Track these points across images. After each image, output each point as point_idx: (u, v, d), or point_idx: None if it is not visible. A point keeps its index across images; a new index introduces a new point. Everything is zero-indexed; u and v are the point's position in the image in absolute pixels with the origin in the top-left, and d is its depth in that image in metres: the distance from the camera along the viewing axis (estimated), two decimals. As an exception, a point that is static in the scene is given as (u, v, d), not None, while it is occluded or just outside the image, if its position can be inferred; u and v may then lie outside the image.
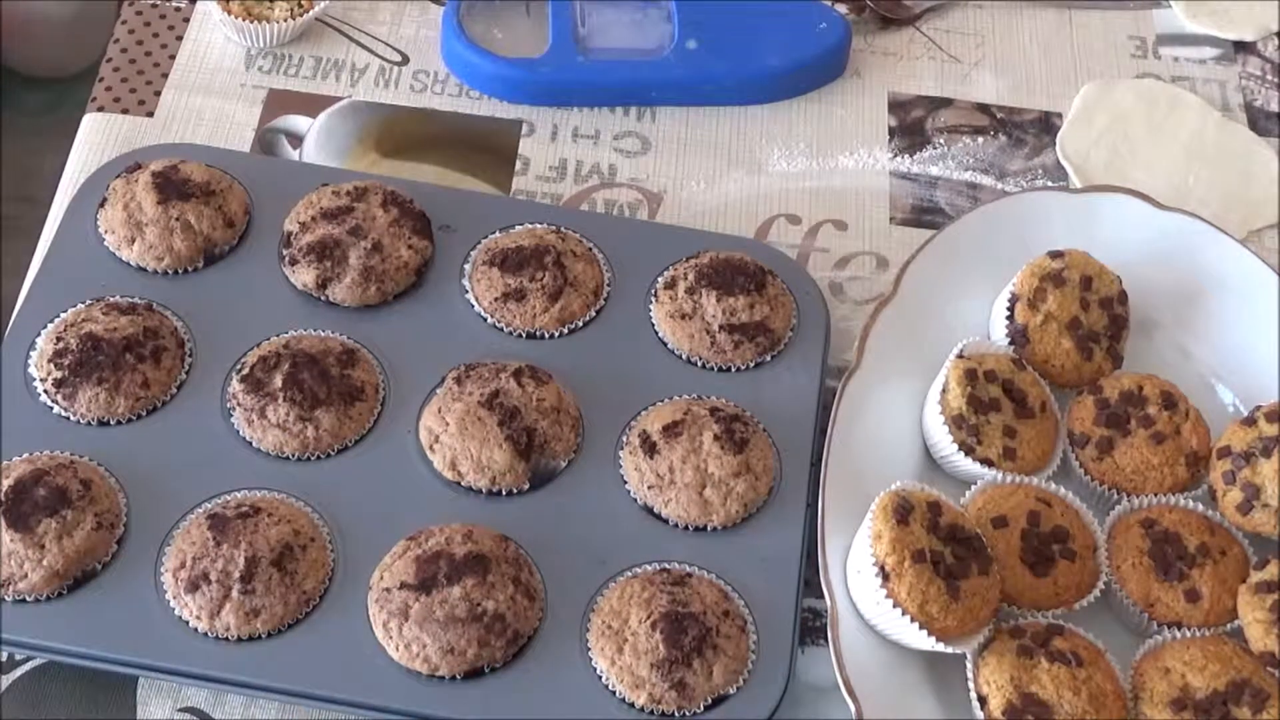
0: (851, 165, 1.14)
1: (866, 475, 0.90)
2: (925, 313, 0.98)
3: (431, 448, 0.91)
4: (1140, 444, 0.92)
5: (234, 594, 0.83)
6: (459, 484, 0.90)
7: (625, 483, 0.91)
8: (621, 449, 0.92)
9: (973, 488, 0.91)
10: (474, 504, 0.89)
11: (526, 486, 0.90)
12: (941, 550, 0.83)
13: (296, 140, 1.11)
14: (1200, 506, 0.91)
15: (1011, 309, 0.96)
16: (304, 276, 0.96)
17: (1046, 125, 1.17)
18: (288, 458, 0.90)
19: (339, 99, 1.14)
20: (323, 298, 0.97)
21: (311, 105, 1.13)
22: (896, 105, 1.18)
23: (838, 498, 0.88)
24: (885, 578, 0.82)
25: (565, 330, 0.97)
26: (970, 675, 0.84)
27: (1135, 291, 0.98)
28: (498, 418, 0.90)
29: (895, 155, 1.14)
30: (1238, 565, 0.89)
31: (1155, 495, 0.92)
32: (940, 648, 0.82)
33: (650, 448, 0.90)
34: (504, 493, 0.90)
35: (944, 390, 0.92)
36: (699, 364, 0.96)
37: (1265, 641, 0.84)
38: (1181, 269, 1.01)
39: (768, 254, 1.02)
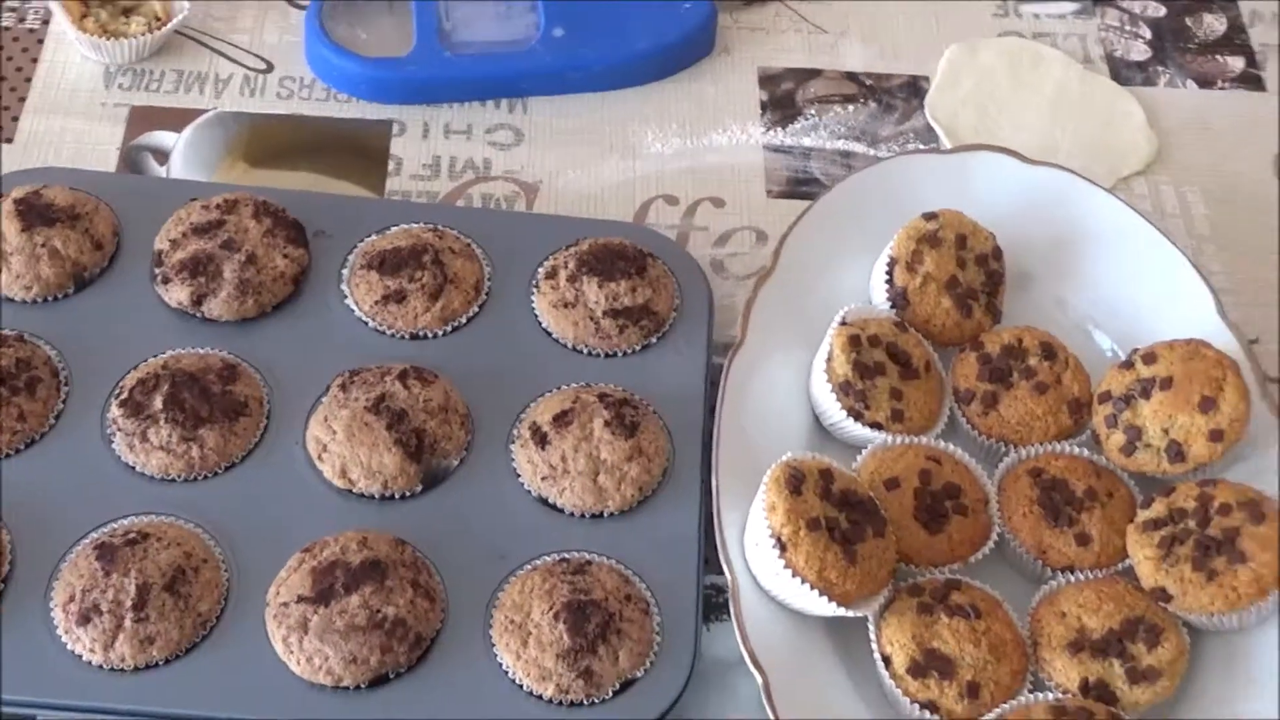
0: (725, 142, 1.14)
1: (758, 448, 0.90)
2: (806, 283, 0.98)
3: (320, 457, 0.90)
4: (1023, 395, 0.93)
5: (127, 623, 0.82)
6: (351, 491, 0.89)
7: (519, 476, 0.91)
8: (513, 442, 0.92)
9: (863, 452, 0.91)
10: (367, 510, 0.89)
11: (419, 488, 0.89)
12: (836, 516, 0.84)
13: (163, 156, 1.09)
14: (1085, 452, 0.93)
15: (890, 272, 0.97)
16: (178, 294, 0.95)
17: (915, 89, 1.18)
18: (174, 479, 0.89)
19: (204, 111, 1.12)
20: (199, 314, 0.95)
21: (176, 120, 1.11)
22: (766, 79, 1.18)
23: (731, 473, 0.89)
24: (782, 548, 0.82)
25: (448, 328, 0.97)
26: (873, 637, 0.85)
27: (1009, 246, 0.99)
28: (385, 421, 0.89)
29: (768, 129, 1.15)
30: (1125, 506, 0.90)
31: (1041, 444, 0.93)
32: (841, 612, 0.83)
33: (541, 439, 0.90)
34: (397, 496, 0.89)
35: (829, 358, 0.92)
36: (585, 351, 0.96)
37: (1155, 577, 0.86)
38: (1053, 221, 1.02)
39: (647, 236, 1.02)
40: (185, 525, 0.87)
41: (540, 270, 0.99)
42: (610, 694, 0.83)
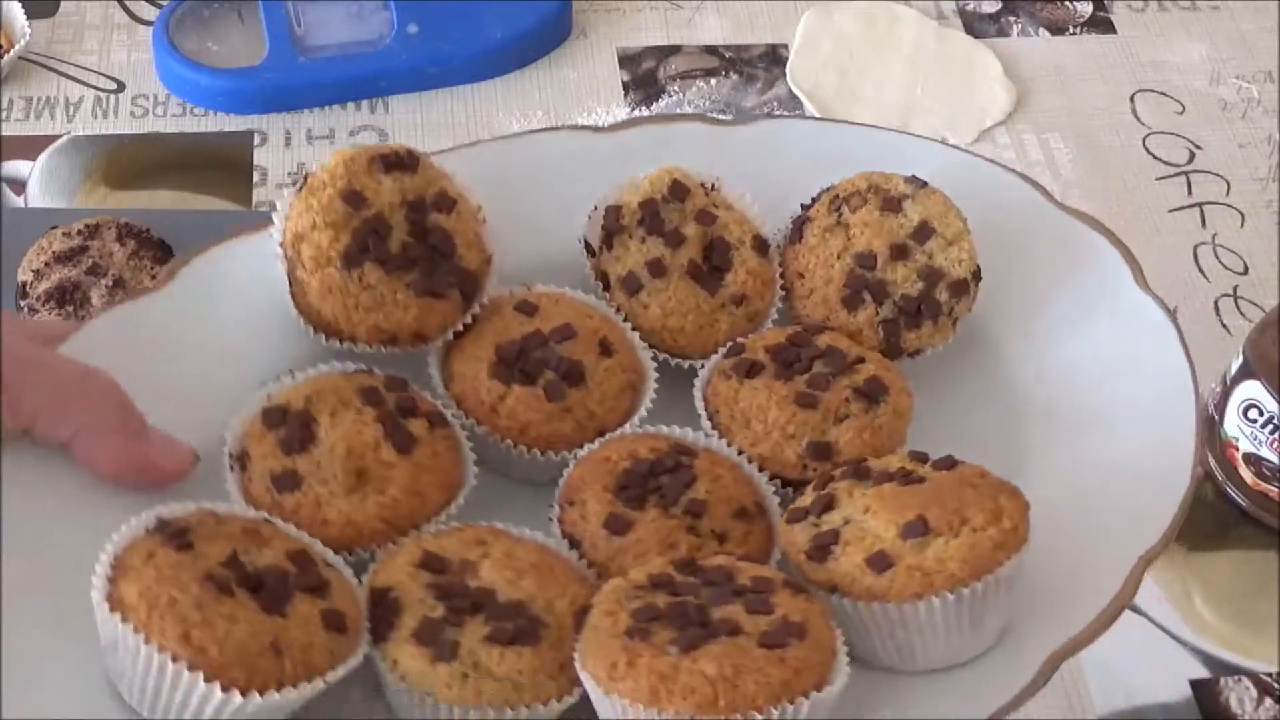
0: (591, 126, 1.14)
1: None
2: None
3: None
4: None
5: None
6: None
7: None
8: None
9: None
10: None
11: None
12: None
13: (19, 186, 1.06)
14: None
15: None
16: (46, 325, 0.93)
17: (775, 58, 1.19)
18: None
19: (57, 137, 1.09)
20: (70, 344, 0.93)
21: (29, 148, 1.08)
22: (627, 59, 1.18)
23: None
24: None
25: (329, 336, 0.96)
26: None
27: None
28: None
29: (633, 109, 1.15)
30: None
31: None
32: None
33: None
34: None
35: None
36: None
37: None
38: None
39: (520, 226, 1.02)
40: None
41: (416, 269, 0.99)
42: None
